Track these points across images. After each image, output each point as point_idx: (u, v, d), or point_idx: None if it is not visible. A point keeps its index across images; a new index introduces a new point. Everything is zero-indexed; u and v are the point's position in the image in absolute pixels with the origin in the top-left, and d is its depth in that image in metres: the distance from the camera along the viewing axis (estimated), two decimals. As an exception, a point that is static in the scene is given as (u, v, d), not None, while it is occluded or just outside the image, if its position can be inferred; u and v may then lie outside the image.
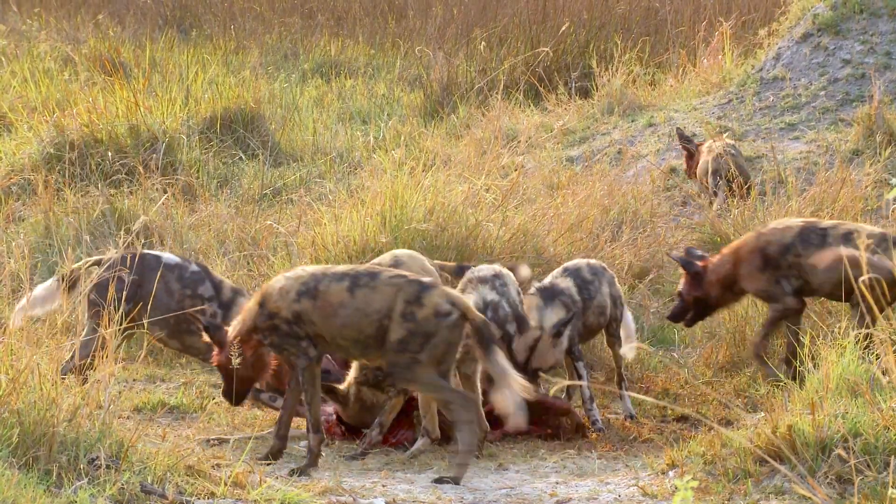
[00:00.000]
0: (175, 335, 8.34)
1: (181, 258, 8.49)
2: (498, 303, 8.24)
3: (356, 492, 7.09)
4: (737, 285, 8.92)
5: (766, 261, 8.78)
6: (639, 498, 7.08)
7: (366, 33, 20.03)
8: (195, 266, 8.42)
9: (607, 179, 11.22)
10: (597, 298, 8.54)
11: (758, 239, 8.86)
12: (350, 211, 10.22)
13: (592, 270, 8.59)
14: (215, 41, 19.57)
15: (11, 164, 12.39)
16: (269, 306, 7.39)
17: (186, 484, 6.73)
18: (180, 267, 8.36)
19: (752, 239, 8.89)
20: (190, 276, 8.35)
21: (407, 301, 7.24)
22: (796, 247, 8.73)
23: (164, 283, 8.27)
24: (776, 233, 8.82)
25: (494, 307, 8.18)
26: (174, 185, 11.61)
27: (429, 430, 7.74)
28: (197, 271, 8.38)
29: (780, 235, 8.79)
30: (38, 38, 19.59)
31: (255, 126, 14.19)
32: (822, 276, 8.65)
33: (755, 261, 8.81)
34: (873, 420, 6.82)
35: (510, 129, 13.51)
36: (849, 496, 6.64)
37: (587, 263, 8.66)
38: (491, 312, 8.00)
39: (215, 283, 8.37)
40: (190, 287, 8.31)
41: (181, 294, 8.29)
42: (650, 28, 17.79)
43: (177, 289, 8.30)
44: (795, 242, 8.73)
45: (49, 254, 10.54)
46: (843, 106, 12.83)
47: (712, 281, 8.92)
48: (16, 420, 6.44)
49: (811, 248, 8.68)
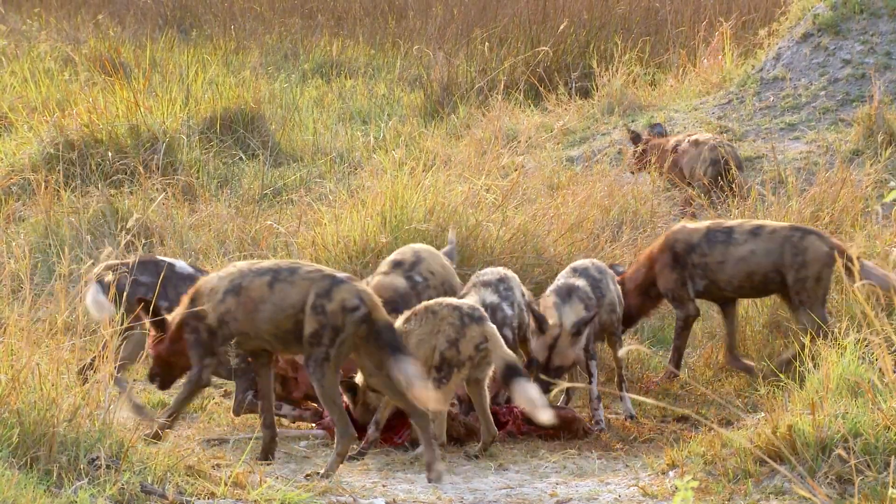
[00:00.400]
0: None
1: (195, 268, 8.48)
2: (497, 305, 8.25)
3: (356, 492, 7.09)
4: (653, 288, 9.12)
5: (675, 258, 9.00)
6: (639, 498, 7.08)
7: (366, 33, 20.03)
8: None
9: (607, 180, 11.21)
10: (608, 296, 8.57)
11: (667, 238, 9.09)
12: (350, 211, 10.22)
13: (599, 269, 8.63)
14: (215, 41, 19.57)
15: (12, 164, 12.39)
16: (198, 304, 7.47)
17: (186, 484, 6.73)
18: (193, 278, 8.32)
19: (663, 238, 9.12)
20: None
21: (318, 294, 7.29)
22: (702, 246, 8.95)
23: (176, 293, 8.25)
24: (684, 232, 9.05)
25: (493, 309, 8.19)
26: (174, 185, 11.61)
27: (436, 436, 7.72)
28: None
29: (687, 235, 9.02)
30: (38, 39, 19.60)
31: (255, 126, 14.19)
32: (729, 273, 8.89)
33: (666, 258, 9.03)
34: (873, 420, 6.82)
35: (510, 129, 13.51)
36: (849, 496, 6.64)
37: (592, 263, 8.69)
38: (490, 315, 8.01)
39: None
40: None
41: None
42: (650, 28, 17.79)
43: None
44: (701, 242, 8.96)
45: (49, 254, 10.54)
46: (843, 106, 12.83)
47: (630, 290, 9.11)
48: (16, 420, 6.44)
49: (717, 247, 8.91)
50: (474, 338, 7.61)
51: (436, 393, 7.40)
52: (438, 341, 7.62)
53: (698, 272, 8.98)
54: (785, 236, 8.86)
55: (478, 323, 7.63)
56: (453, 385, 7.67)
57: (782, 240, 8.86)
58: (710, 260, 8.95)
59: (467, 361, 7.62)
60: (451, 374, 7.62)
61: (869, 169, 11.22)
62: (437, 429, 7.74)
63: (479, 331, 7.61)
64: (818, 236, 8.86)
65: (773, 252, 8.86)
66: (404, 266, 8.70)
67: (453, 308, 7.67)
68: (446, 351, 7.60)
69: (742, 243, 8.91)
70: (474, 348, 7.61)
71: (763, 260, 8.88)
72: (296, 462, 7.67)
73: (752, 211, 10.38)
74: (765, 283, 8.90)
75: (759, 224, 9.02)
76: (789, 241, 8.85)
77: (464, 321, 7.63)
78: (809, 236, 8.85)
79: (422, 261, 8.69)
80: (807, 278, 8.82)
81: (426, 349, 7.62)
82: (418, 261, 8.69)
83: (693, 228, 9.07)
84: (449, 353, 7.60)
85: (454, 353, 7.60)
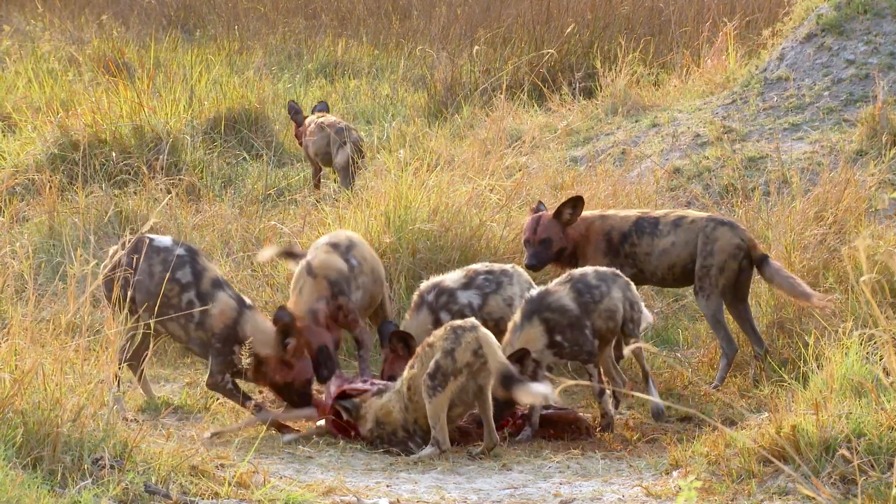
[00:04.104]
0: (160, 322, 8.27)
1: (172, 240, 8.41)
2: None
3: (360, 492, 7.09)
4: (574, 260, 9.17)
5: (609, 246, 9.10)
6: (642, 498, 7.08)
7: (369, 34, 20.04)
8: (181, 249, 8.34)
9: (611, 180, 11.22)
10: (604, 302, 8.36)
11: (604, 222, 9.16)
12: (354, 211, 10.23)
13: (600, 276, 8.44)
14: (219, 41, 19.58)
15: (16, 165, 12.41)
16: None
17: (190, 484, 6.74)
18: (167, 249, 8.31)
19: (599, 222, 9.18)
20: (174, 259, 8.29)
21: None
22: (632, 236, 9.06)
23: (148, 265, 8.24)
24: (618, 220, 9.17)
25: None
26: (178, 185, 11.62)
27: (439, 441, 7.71)
28: (182, 255, 8.32)
29: (620, 223, 9.14)
30: (42, 39, 19.62)
31: (258, 126, 14.21)
32: (655, 263, 9.02)
33: (601, 244, 9.11)
34: (877, 420, 6.82)
35: (514, 129, 13.51)
36: (852, 496, 6.64)
37: (594, 270, 8.52)
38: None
39: (197, 270, 8.31)
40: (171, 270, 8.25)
41: (160, 277, 8.24)
42: (654, 28, 17.78)
43: (158, 272, 8.26)
44: (632, 231, 9.07)
45: (53, 254, 10.55)
46: (846, 106, 12.82)
47: (573, 236, 9.18)
48: (20, 420, 6.45)
49: (644, 237, 9.03)
50: (471, 344, 7.60)
51: (431, 403, 7.51)
52: (436, 355, 7.64)
53: (629, 261, 9.07)
54: (701, 226, 9.00)
55: (471, 330, 7.64)
56: (449, 393, 7.65)
57: (698, 230, 8.99)
58: (639, 250, 9.05)
59: (465, 369, 7.60)
60: (445, 382, 7.62)
61: (873, 169, 11.22)
62: (440, 434, 7.72)
63: (472, 337, 7.61)
64: (731, 227, 8.95)
65: (690, 243, 8.98)
66: (340, 248, 8.78)
67: (448, 328, 7.70)
68: (441, 360, 7.60)
69: (665, 235, 9.02)
70: (472, 354, 7.60)
71: (682, 251, 8.99)
72: (299, 463, 7.68)
73: (756, 211, 10.38)
74: (684, 274, 9.03)
75: (681, 215, 9.13)
76: (703, 232, 8.97)
77: (457, 332, 7.65)
78: (722, 227, 8.93)
79: (355, 245, 8.79)
80: (711, 266, 8.90)
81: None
82: (352, 245, 8.79)
83: (624, 217, 9.18)
84: (444, 362, 7.59)
85: (450, 362, 7.59)
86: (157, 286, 8.15)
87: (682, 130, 12.98)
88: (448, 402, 7.70)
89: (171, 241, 8.34)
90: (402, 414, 7.83)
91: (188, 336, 8.23)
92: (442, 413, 7.68)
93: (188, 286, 8.20)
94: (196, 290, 8.20)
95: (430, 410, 7.66)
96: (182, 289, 8.20)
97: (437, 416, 7.68)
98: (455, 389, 7.64)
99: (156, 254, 8.24)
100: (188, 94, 14.18)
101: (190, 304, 8.19)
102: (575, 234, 9.14)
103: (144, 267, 8.18)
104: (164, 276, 8.16)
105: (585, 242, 9.13)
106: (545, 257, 9.15)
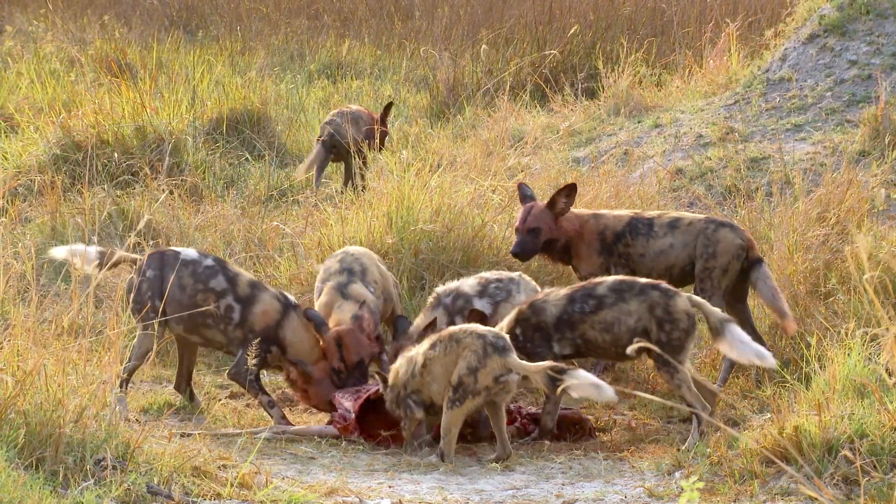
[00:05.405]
0: (192, 330, 8.39)
1: (199, 253, 8.55)
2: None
3: (362, 493, 7.09)
4: (567, 256, 9.12)
5: (603, 245, 9.05)
6: (645, 499, 7.08)
7: (372, 34, 20.04)
8: (210, 260, 8.46)
9: (613, 181, 11.21)
10: (598, 315, 8.20)
11: (598, 221, 9.10)
12: (356, 212, 10.23)
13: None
14: (221, 42, 19.59)
15: (18, 166, 12.41)
16: None
17: (192, 485, 6.74)
18: (195, 262, 8.42)
19: (593, 220, 9.12)
20: (203, 271, 8.40)
21: None
22: (626, 236, 9.02)
23: (178, 279, 8.34)
24: (611, 219, 9.11)
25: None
26: (180, 186, 11.62)
27: (444, 454, 7.70)
28: (211, 265, 8.43)
29: (614, 222, 9.08)
30: (44, 40, 19.63)
31: (261, 127, 14.21)
32: (649, 265, 8.97)
33: (595, 243, 9.06)
34: (880, 421, 6.82)
35: (516, 130, 13.50)
36: (855, 497, 6.64)
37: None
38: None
39: (230, 276, 8.41)
40: (202, 282, 8.37)
41: (193, 289, 8.35)
42: (656, 29, 17.78)
43: (189, 283, 8.36)
44: (626, 231, 9.03)
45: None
46: (849, 107, 12.81)
47: (566, 229, 9.09)
48: (22, 421, 6.45)
49: (639, 238, 8.99)
50: (494, 370, 7.57)
51: (447, 414, 7.54)
52: (459, 367, 7.58)
53: (622, 261, 9.05)
54: (700, 228, 8.96)
55: (500, 354, 7.58)
56: (466, 410, 7.63)
57: (697, 232, 8.96)
58: (632, 251, 9.02)
59: (483, 391, 7.58)
60: (465, 398, 7.58)
61: (876, 170, 11.21)
62: (446, 446, 7.70)
63: (500, 362, 7.58)
64: (732, 228, 8.95)
65: (689, 245, 8.96)
66: (357, 274, 8.77)
67: (477, 336, 7.63)
68: (465, 377, 7.56)
69: (661, 236, 9.00)
70: (493, 380, 7.58)
71: (681, 253, 8.98)
72: (301, 464, 7.68)
73: (759, 211, 10.38)
74: (682, 276, 9.01)
75: (676, 216, 9.11)
76: (703, 233, 8.94)
77: (486, 350, 7.58)
78: (723, 228, 8.93)
79: (367, 269, 8.79)
80: (714, 268, 8.90)
81: (449, 378, 7.63)
82: (364, 269, 8.78)
83: (617, 216, 9.15)
84: (467, 380, 7.56)
85: (472, 381, 7.56)
86: (190, 298, 8.26)
87: (684, 131, 12.98)
88: (464, 418, 7.69)
89: (196, 253, 8.45)
90: (405, 377, 7.80)
91: (227, 338, 8.35)
92: (455, 427, 7.66)
93: (225, 293, 8.28)
94: (234, 295, 8.30)
95: (444, 420, 7.66)
96: (218, 296, 8.28)
97: (450, 430, 7.65)
98: (472, 408, 7.63)
99: (184, 267, 8.32)
100: (190, 94, 14.19)
101: (229, 310, 8.30)
102: (569, 228, 9.07)
103: (175, 281, 8.27)
104: (196, 287, 8.29)
105: (579, 240, 9.08)
106: (532, 247, 9.08)
